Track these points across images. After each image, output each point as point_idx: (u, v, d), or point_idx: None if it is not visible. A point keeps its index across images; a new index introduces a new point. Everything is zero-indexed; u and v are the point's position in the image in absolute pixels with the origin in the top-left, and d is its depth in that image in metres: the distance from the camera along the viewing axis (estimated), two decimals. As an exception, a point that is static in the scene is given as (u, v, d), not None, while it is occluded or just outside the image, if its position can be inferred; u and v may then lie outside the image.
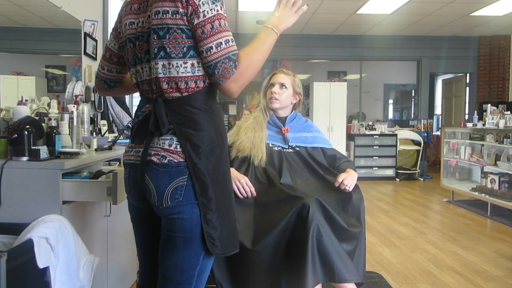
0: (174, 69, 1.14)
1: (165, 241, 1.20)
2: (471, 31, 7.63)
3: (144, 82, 1.23)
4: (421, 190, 6.46)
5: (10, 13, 2.65)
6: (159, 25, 1.13)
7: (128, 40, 1.24)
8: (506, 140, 4.54)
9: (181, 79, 1.15)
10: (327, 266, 1.60)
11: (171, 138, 1.16)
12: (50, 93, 3.02)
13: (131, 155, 1.24)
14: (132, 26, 1.22)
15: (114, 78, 1.41)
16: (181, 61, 1.14)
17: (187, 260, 1.18)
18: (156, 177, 1.15)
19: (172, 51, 1.13)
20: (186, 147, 1.14)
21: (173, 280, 1.19)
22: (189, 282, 1.19)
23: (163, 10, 1.12)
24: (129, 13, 1.24)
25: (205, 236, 1.16)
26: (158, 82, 1.16)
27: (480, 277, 2.84)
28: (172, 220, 1.16)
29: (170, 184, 1.14)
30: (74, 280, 1.59)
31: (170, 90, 1.15)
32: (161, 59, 1.14)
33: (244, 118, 2.11)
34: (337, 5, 6.16)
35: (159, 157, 1.15)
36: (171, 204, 1.14)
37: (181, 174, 1.14)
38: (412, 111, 10.13)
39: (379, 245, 3.54)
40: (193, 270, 1.19)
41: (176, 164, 1.14)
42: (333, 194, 1.83)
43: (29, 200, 1.62)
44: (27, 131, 1.65)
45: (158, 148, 1.16)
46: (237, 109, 9.02)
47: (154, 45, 1.14)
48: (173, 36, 1.12)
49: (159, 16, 1.12)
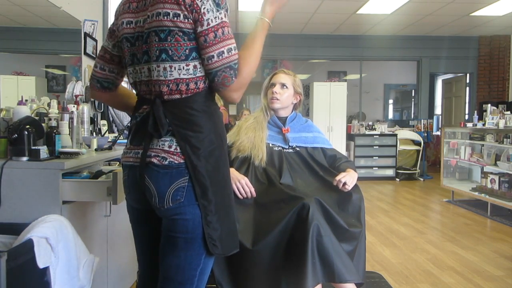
0: (176, 71, 1.13)
1: (166, 241, 1.19)
2: (471, 31, 7.63)
3: (142, 83, 1.21)
4: (421, 190, 6.46)
5: (10, 13, 2.65)
6: (160, 27, 1.11)
7: (125, 39, 1.22)
8: (506, 140, 4.54)
9: (183, 81, 1.14)
10: (327, 266, 1.60)
11: (171, 139, 1.15)
12: (50, 93, 3.02)
13: (129, 157, 1.23)
14: (130, 26, 1.21)
15: (106, 77, 1.34)
16: (184, 64, 1.13)
17: (189, 261, 1.18)
18: (157, 178, 1.14)
19: (174, 53, 1.12)
20: (185, 148, 1.13)
21: (175, 281, 1.19)
22: (190, 283, 1.19)
23: (164, 12, 1.10)
24: (127, 12, 1.22)
25: (206, 237, 1.15)
26: (158, 84, 1.15)
27: (480, 277, 2.84)
28: (173, 221, 1.16)
29: (172, 185, 1.13)
30: (74, 280, 1.59)
31: (170, 92, 1.15)
32: (163, 62, 1.13)
33: (245, 118, 2.11)
34: (337, 5, 6.16)
35: (160, 159, 1.14)
36: (172, 206, 1.14)
37: (182, 175, 1.14)
38: (412, 111, 10.13)
39: (379, 245, 3.54)
40: (194, 270, 1.19)
41: (177, 165, 1.13)
42: (333, 194, 1.83)
43: (29, 200, 1.62)
44: (27, 131, 1.65)
45: (158, 150, 1.15)
46: (237, 109, 9.03)
47: (156, 47, 1.13)
48: (174, 39, 1.11)
49: (160, 18, 1.11)
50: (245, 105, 9.94)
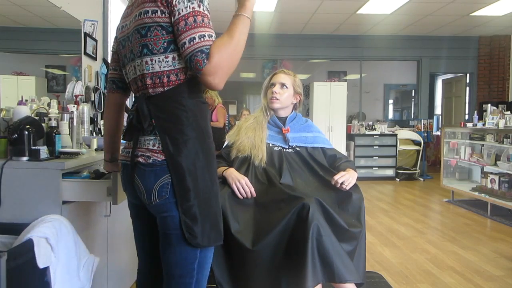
0: (157, 64, 1.19)
1: (162, 239, 1.25)
2: (471, 31, 7.63)
3: (132, 82, 1.29)
4: (421, 190, 6.46)
5: (10, 13, 2.65)
6: (140, 25, 1.19)
7: (120, 43, 1.33)
8: (506, 140, 4.54)
9: (163, 73, 1.20)
10: (327, 266, 1.60)
11: (155, 138, 1.21)
12: (50, 93, 3.01)
13: (123, 155, 1.34)
14: (122, 30, 1.31)
15: (120, 76, 1.42)
16: (163, 56, 1.19)
17: (184, 256, 1.23)
18: (144, 176, 1.21)
19: (153, 47, 1.19)
20: (165, 139, 1.19)
21: (175, 275, 1.25)
22: (190, 276, 1.25)
23: (144, 10, 1.18)
24: (123, 18, 1.33)
25: (182, 226, 1.19)
26: (144, 78, 1.22)
27: (480, 277, 2.84)
28: (164, 219, 1.22)
29: (156, 182, 1.20)
30: (74, 280, 1.59)
31: (153, 85, 1.21)
32: (144, 56, 1.20)
33: (244, 118, 2.11)
34: (337, 5, 6.16)
35: (145, 158, 1.21)
36: (159, 202, 1.20)
37: (165, 172, 1.19)
38: (412, 111, 10.13)
39: (379, 245, 3.54)
40: (191, 264, 1.24)
41: (160, 163, 1.19)
42: (333, 194, 1.83)
43: (29, 200, 1.62)
44: (27, 131, 1.65)
45: (143, 149, 1.22)
46: (237, 109, 9.03)
47: (138, 44, 1.20)
48: (154, 34, 1.18)
49: (141, 17, 1.19)
50: (245, 105, 9.95)
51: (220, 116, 5.28)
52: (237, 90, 9.72)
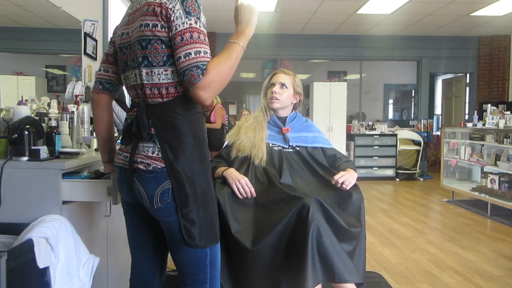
0: (156, 76, 1.24)
1: (171, 241, 1.33)
2: (471, 31, 7.63)
3: (131, 87, 1.34)
4: (421, 190, 6.47)
5: (10, 13, 2.65)
6: (141, 37, 1.23)
7: (119, 49, 1.36)
8: (506, 140, 4.54)
9: (162, 85, 1.24)
10: (327, 266, 1.60)
11: (154, 145, 1.26)
12: (50, 93, 3.01)
13: (120, 159, 1.37)
14: (123, 37, 1.34)
15: (109, 78, 1.46)
16: (162, 69, 1.23)
17: (195, 255, 1.31)
18: (145, 182, 1.27)
19: (153, 60, 1.23)
20: (164, 148, 1.24)
21: (189, 273, 1.34)
22: (204, 272, 1.34)
23: (145, 23, 1.22)
24: (124, 25, 1.36)
25: (182, 229, 1.26)
26: (143, 88, 1.27)
27: (480, 277, 2.84)
28: (168, 223, 1.29)
29: (158, 188, 1.26)
30: (74, 280, 1.59)
31: (152, 96, 1.26)
32: (145, 67, 1.25)
33: (244, 118, 2.11)
34: (337, 5, 6.16)
35: (145, 164, 1.26)
36: (161, 206, 1.26)
37: (166, 178, 1.25)
38: (412, 111, 10.13)
39: (379, 245, 3.54)
40: (203, 262, 1.33)
41: (160, 170, 1.25)
42: (333, 194, 1.83)
43: (29, 200, 1.62)
44: (27, 131, 1.65)
45: (143, 156, 1.27)
46: (237, 109, 9.03)
47: (139, 55, 1.25)
48: (153, 47, 1.22)
49: (142, 29, 1.23)
50: (245, 105, 9.96)
51: (218, 117, 5.29)
52: (237, 90, 9.72)
